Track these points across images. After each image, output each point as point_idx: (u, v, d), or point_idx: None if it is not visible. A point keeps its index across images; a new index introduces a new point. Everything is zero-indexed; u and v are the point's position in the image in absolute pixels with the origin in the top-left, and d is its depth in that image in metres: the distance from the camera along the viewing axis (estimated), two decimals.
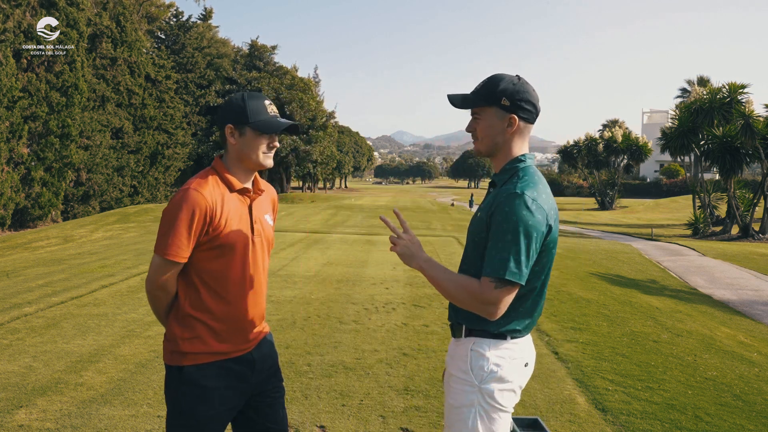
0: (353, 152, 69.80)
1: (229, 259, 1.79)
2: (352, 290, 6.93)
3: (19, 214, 19.59)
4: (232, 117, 1.79)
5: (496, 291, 1.59)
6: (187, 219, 1.70)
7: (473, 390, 1.71)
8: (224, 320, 1.81)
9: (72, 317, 5.41)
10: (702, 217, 20.42)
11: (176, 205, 1.71)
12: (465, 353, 1.73)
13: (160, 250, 1.72)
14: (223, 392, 1.80)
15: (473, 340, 1.73)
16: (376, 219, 21.21)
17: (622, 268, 10.63)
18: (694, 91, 23.32)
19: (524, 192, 1.62)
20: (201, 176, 1.80)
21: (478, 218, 1.74)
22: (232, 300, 1.82)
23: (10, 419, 3.15)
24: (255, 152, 1.80)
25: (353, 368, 4.09)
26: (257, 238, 1.87)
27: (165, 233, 1.72)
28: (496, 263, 1.59)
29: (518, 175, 1.70)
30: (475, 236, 1.74)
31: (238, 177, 1.84)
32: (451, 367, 1.78)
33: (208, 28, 39.68)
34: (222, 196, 1.78)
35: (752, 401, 3.83)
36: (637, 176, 53.40)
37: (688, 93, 35.27)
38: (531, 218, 1.60)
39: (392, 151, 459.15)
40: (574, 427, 3.20)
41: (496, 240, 1.60)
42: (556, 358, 4.49)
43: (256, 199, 1.90)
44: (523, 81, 1.73)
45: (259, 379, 1.91)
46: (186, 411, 1.77)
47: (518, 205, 1.59)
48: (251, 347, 1.89)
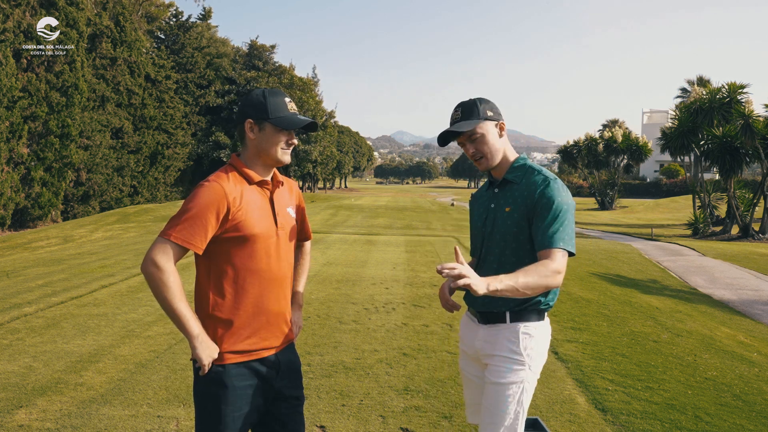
0: (353, 152, 69.79)
1: (253, 251, 1.78)
2: (352, 290, 6.92)
3: (19, 214, 19.58)
4: (252, 112, 1.80)
5: (563, 260, 1.81)
6: (202, 207, 1.69)
7: (523, 368, 1.89)
8: (250, 316, 1.80)
9: (72, 317, 5.41)
10: (702, 217, 20.41)
11: (194, 195, 1.71)
12: (514, 336, 1.90)
13: (165, 233, 1.69)
14: (247, 392, 1.79)
15: (521, 324, 1.91)
16: (376, 219, 21.21)
17: (622, 268, 10.63)
18: (694, 91, 23.30)
19: (556, 178, 1.90)
20: (220, 171, 1.81)
21: (508, 214, 1.91)
22: (257, 294, 1.80)
23: (10, 419, 3.15)
24: (274, 148, 1.81)
25: (353, 368, 4.09)
26: (281, 231, 1.86)
27: (175, 218, 1.71)
28: (559, 235, 1.81)
29: (535, 168, 1.94)
30: (508, 231, 1.91)
31: (256, 171, 1.84)
32: (494, 350, 1.92)
33: (207, 27, 39.64)
34: (241, 188, 1.78)
35: (752, 401, 3.83)
36: (637, 176, 53.38)
37: (688, 93, 35.25)
38: (569, 198, 1.88)
39: (392, 151, 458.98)
40: (574, 427, 3.20)
41: (552, 218, 1.82)
42: (556, 358, 4.49)
43: (276, 192, 1.89)
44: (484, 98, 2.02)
45: (282, 384, 1.89)
46: (212, 410, 1.76)
47: (558, 188, 1.87)
48: (278, 348, 1.88)
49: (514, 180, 1.95)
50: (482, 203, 2.08)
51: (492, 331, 1.94)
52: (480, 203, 2.10)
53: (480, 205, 2.10)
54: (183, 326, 1.71)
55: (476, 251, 2.09)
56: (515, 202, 1.91)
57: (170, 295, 1.67)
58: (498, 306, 1.92)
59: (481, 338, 1.97)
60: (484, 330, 1.97)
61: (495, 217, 1.97)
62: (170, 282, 1.67)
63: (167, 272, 1.67)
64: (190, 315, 1.72)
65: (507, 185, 1.97)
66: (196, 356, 1.71)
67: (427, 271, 8.59)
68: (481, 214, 2.06)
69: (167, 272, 1.67)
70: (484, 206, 2.05)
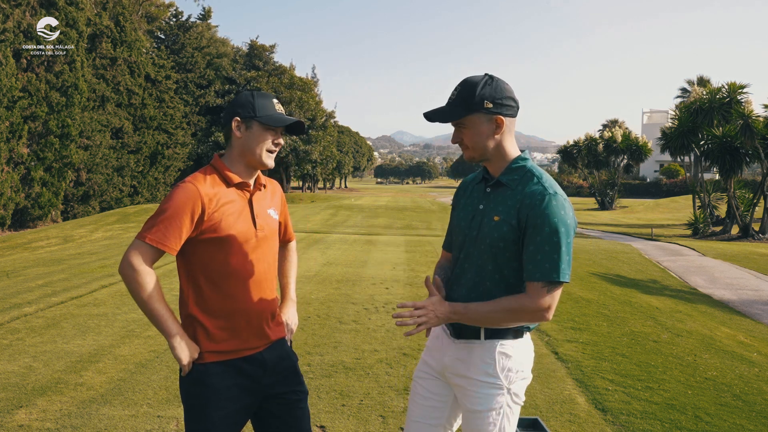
0: (353, 152, 69.76)
1: (230, 253, 1.78)
2: (351, 290, 6.92)
3: (19, 214, 19.57)
4: (240, 111, 1.81)
5: (549, 294, 1.60)
6: (176, 208, 1.70)
7: (501, 392, 1.69)
8: (229, 317, 1.80)
9: (72, 317, 5.41)
10: (702, 217, 20.40)
11: (169, 196, 1.72)
12: (489, 357, 1.69)
13: (140, 235, 1.70)
14: (231, 391, 1.78)
15: (497, 342, 1.70)
16: (376, 219, 21.21)
17: (622, 268, 10.62)
18: (694, 91, 23.30)
19: (556, 192, 1.61)
20: (198, 172, 1.82)
21: (497, 224, 1.66)
22: (236, 296, 1.80)
23: (10, 419, 3.15)
24: (259, 147, 1.81)
25: (353, 368, 4.09)
26: (261, 233, 1.86)
27: (151, 219, 1.72)
28: (547, 267, 1.58)
29: (534, 174, 1.67)
30: (496, 243, 1.66)
31: (238, 173, 1.84)
32: (468, 371, 1.72)
33: (207, 27, 39.65)
34: (219, 190, 1.78)
35: (752, 401, 3.83)
36: (637, 176, 53.37)
37: (688, 93, 35.26)
38: (568, 217, 1.60)
39: (392, 151, 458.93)
40: (574, 427, 3.20)
41: (542, 243, 1.58)
42: (556, 358, 4.49)
43: (256, 194, 1.89)
44: (497, 78, 1.69)
45: (273, 381, 1.88)
46: (197, 409, 1.77)
47: (556, 206, 1.58)
48: (262, 347, 1.87)
49: (508, 184, 1.68)
50: (470, 199, 1.81)
51: (464, 349, 1.73)
52: (468, 198, 1.83)
53: (468, 200, 1.82)
54: (160, 326, 1.72)
55: (453, 250, 1.86)
56: (507, 212, 1.65)
57: (146, 296, 1.69)
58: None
59: (451, 354, 1.76)
60: (456, 346, 1.76)
61: (482, 223, 1.71)
62: (145, 282, 1.68)
63: (142, 273, 1.68)
64: (167, 315, 1.72)
65: (500, 188, 1.71)
66: (175, 356, 1.72)
67: (427, 271, 8.59)
68: (468, 212, 1.79)
69: (142, 273, 1.68)
70: (472, 204, 1.78)
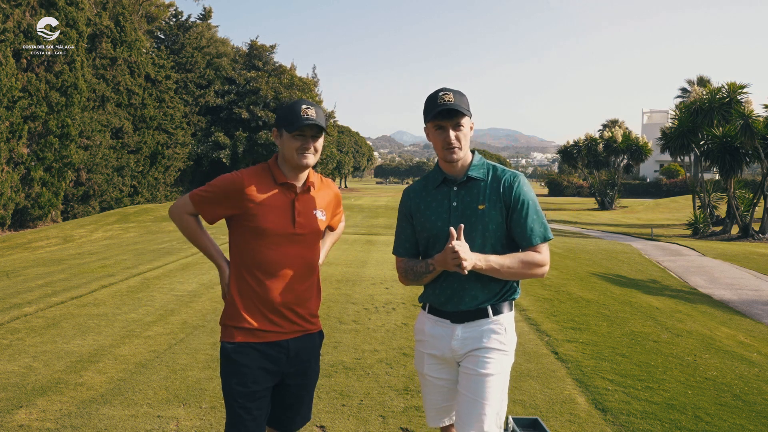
0: (353, 152, 69.74)
1: (265, 243, 1.97)
2: (352, 290, 6.92)
3: (19, 214, 19.56)
4: (277, 121, 2.04)
5: (547, 251, 1.97)
6: (218, 186, 1.99)
7: (508, 357, 1.99)
8: (256, 303, 1.98)
9: (72, 317, 5.41)
10: (702, 217, 20.40)
11: (220, 177, 2.02)
12: (500, 328, 1.98)
13: (191, 192, 2.01)
14: (255, 372, 1.94)
15: (502, 315, 1.99)
16: (376, 219, 21.20)
17: (622, 268, 10.63)
18: (694, 91, 23.30)
19: (518, 174, 2.02)
20: (255, 165, 2.07)
21: (482, 212, 1.96)
22: (270, 286, 1.97)
23: (10, 419, 3.15)
24: (290, 152, 1.99)
25: (353, 368, 4.09)
26: (300, 230, 2.01)
27: (201, 187, 2.02)
28: (542, 229, 1.97)
29: (497, 166, 2.04)
30: (487, 228, 1.96)
31: (284, 173, 2.04)
32: (479, 343, 1.96)
33: (207, 27, 39.62)
34: (264, 184, 2.00)
35: (752, 401, 3.83)
36: (637, 176, 53.35)
37: (688, 93, 35.23)
38: (532, 190, 2.01)
39: (392, 151, 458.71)
40: (574, 427, 3.20)
41: (530, 213, 1.96)
42: (555, 358, 4.49)
43: (304, 194, 2.05)
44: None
45: (291, 371, 2.03)
46: (225, 383, 1.97)
47: (526, 184, 2.00)
48: (289, 335, 2.01)
49: (480, 177, 2.00)
50: (435, 201, 2.03)
51: (473, 328, 1.98)
52: (430, 200, 2.05)
53: (431, 203, 2.04)
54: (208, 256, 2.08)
55: (424, 251, 2.07)
56: (489, 199, 1.96)
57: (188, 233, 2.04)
58: (478, 304, 1.97)
59: (459, 338, 1.98)
60: (463, 328, 1.98)
61: (465, 216, 1.96)
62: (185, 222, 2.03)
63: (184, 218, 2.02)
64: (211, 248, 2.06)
65: (471, 182, 1.99)
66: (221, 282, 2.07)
67: None
68: (440, 213, 2.01)
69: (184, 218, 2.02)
70: (442, 205, 2.01)
